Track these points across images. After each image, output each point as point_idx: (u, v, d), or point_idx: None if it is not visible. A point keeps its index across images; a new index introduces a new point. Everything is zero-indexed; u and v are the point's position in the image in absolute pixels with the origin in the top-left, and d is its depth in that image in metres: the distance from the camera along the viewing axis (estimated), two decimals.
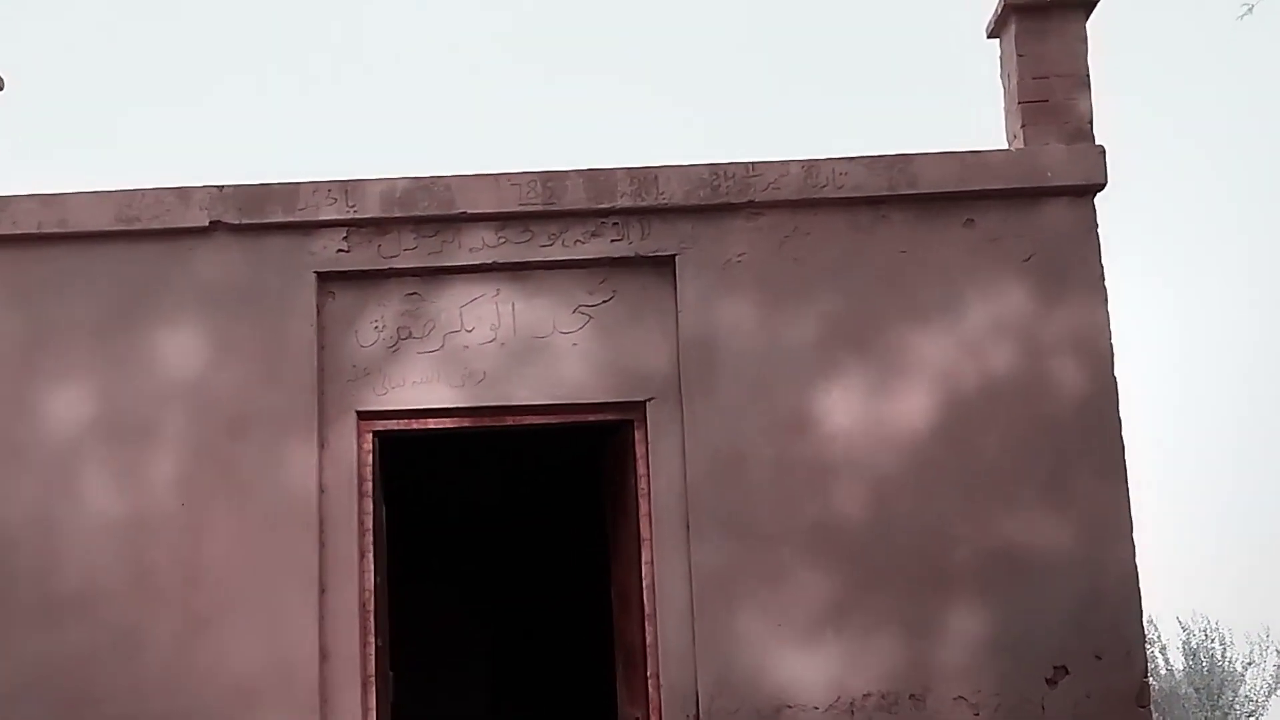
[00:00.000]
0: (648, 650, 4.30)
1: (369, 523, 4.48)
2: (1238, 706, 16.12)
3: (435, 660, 7.31)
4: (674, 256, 4.39)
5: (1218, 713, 16.08)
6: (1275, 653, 16.26)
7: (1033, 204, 4.35)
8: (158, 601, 4.37)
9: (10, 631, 4.38)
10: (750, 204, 4.36)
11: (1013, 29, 4.48)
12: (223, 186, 4.50)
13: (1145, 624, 4.58)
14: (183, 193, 4.50)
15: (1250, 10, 5.54)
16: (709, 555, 4.19)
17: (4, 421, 4.47)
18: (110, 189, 4.62)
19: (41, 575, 4.41)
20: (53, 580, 4.40)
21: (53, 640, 4.36)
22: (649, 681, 4.29)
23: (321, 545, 4.34)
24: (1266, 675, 16.20)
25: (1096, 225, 4.35)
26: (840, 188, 4.36)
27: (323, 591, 4.29)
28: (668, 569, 4.28)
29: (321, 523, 4.37)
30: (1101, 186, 4.32)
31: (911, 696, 4.09)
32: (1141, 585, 4.20)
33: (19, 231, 4.49)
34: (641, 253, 4.42)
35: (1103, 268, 4.29)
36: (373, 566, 4.48)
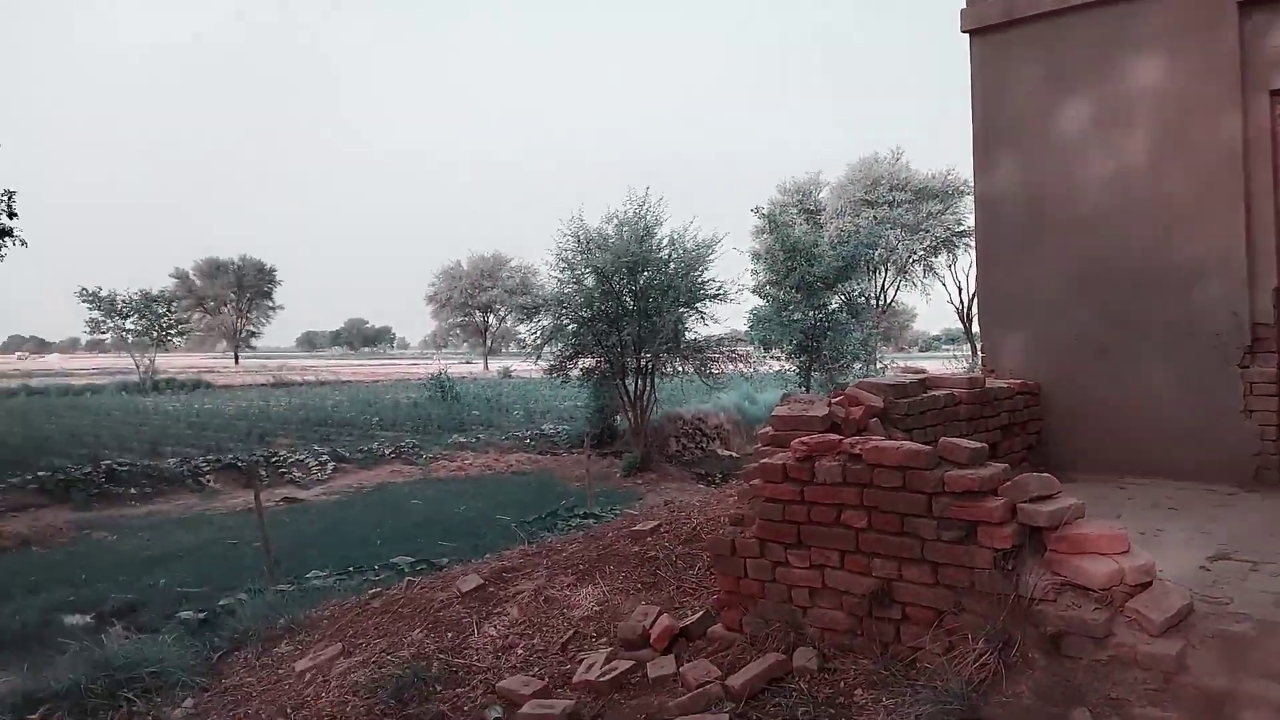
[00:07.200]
0: None
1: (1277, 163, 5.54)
2: None
3: None
4: None
5: None
6: None
7: None
8: (1137, 220, 5.86)
9: (1054, 239, 6.28)
10: None
11: None
12: None
13: None
14: None
15: None
16: None
17: (1040, 127, 6.25)
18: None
19: (1064, 207, 6.18)
20: (1071, 210, 6.14)
21: (1076, 243, 6.18)
22: None
23: (1246, 179, 5.55)
24: None
25: None
26: None
27: (1247, 209, 5.56)
28: None
29: (1246, 166, 5.56)
30: None
31: None
32: None
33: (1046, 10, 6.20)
34: None
35: None
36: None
